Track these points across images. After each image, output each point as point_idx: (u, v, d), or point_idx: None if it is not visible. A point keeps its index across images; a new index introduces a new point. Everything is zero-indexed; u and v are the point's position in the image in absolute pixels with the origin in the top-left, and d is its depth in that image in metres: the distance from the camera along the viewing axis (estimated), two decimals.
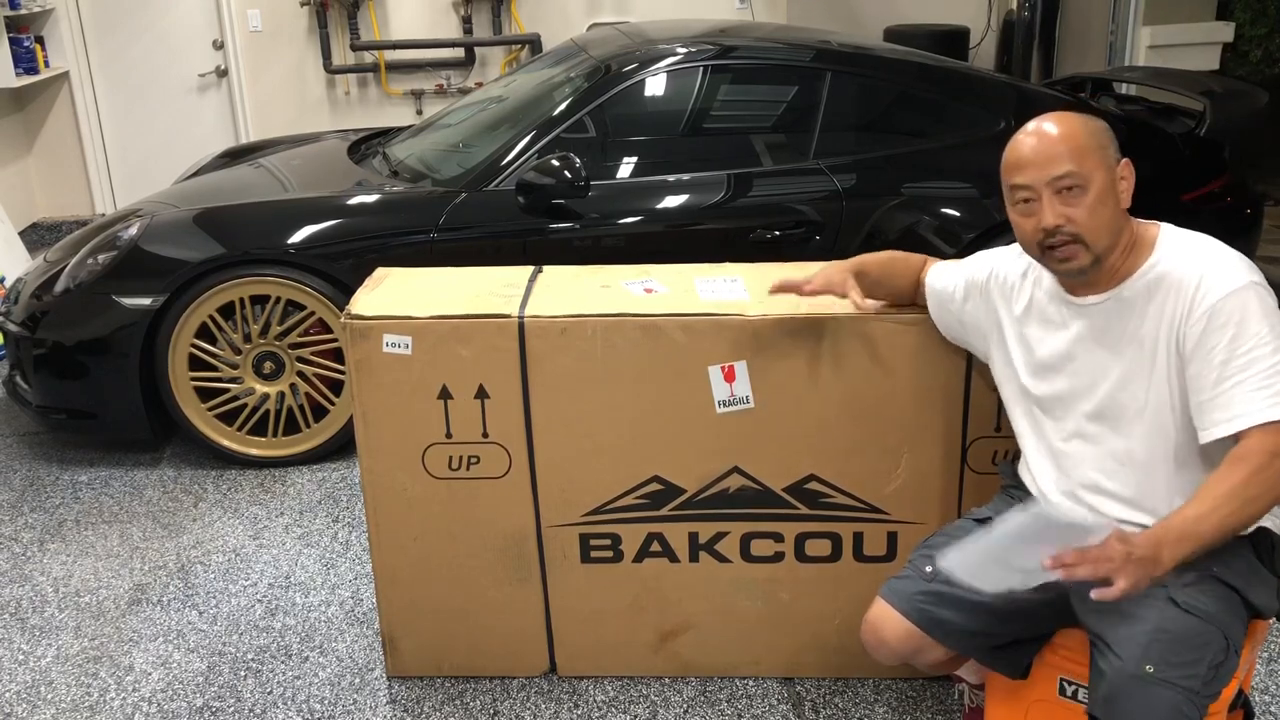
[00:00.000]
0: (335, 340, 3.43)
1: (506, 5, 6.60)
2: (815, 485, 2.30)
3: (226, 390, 3.46)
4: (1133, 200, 1.78)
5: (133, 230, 3.44)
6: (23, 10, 5.99)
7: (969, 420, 2.26)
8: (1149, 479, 1.78)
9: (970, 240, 3.39)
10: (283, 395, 3.48)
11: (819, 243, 3.44)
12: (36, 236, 6.35)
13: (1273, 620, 1.85)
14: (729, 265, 2.50)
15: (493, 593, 2.42)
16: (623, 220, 3.48)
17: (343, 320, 2.25)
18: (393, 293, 2.36)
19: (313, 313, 3.41)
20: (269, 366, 3.46)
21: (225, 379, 3.45)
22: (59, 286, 3.44)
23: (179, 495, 3.41)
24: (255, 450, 3.53)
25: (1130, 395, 1.78)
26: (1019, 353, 1.94)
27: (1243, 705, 1.99)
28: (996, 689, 2.03)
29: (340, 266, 3.37)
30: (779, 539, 2.35)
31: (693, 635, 2.45)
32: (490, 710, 2.41)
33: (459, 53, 6.67)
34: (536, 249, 3.41)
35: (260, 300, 3.39)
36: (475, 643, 2.48)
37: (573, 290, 2.35)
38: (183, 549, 3.11)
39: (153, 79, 6.62)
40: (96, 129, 6.64)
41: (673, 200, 3.52)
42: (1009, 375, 1.97)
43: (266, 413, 3.49)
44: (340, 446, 3.54)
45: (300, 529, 3.19)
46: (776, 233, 3.44)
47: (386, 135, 4.46)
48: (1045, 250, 1.77)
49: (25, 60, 6.01)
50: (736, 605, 2.42)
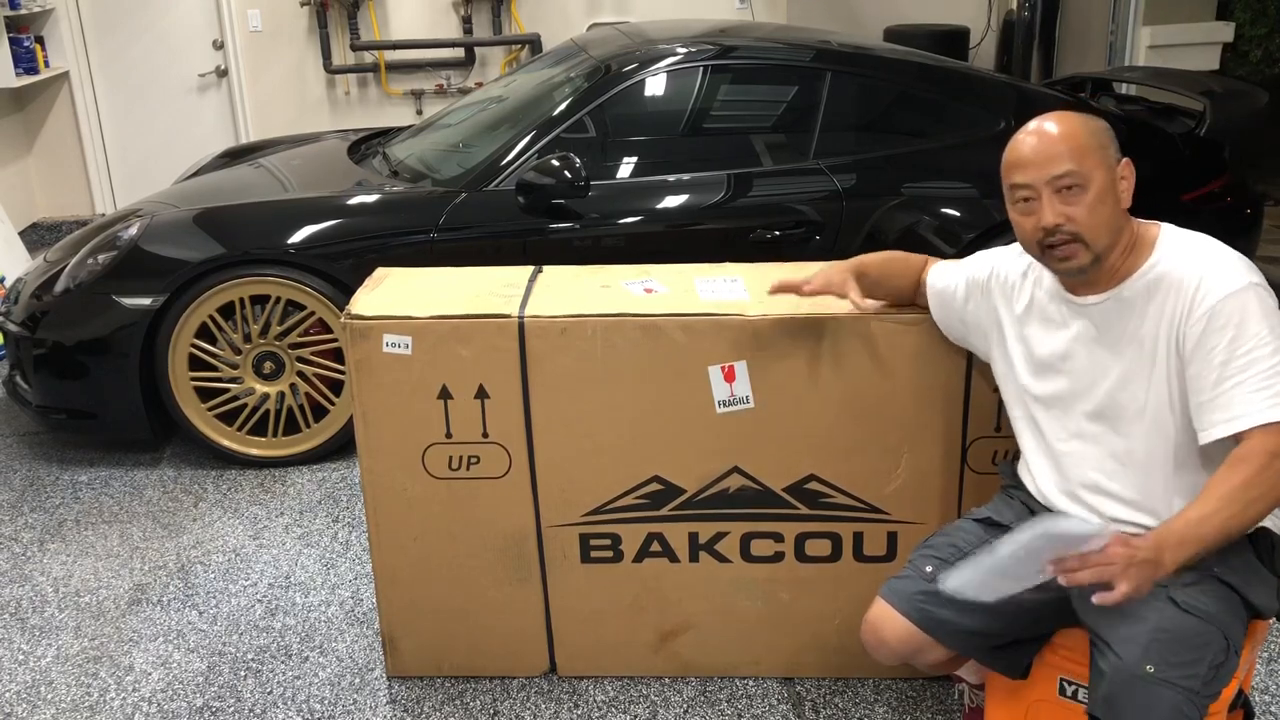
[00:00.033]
0: (335, 340, 3.43)
1: (506, 5, 6.60)
2: (815, 485, 2.30)
3: (226, 390, 3.46)
4: (1133, 200, 1.78)
5: (133, 230, 3.44)
6: (23, 10, 5.99)
7: (969, 420, 2.26)
8: (1149, 479, 1.78)
9: (970, 240, 3.39)
10: (283, 395, 3.48)
11: (819, 243, 3.44)
12: (36, 236, 6.35)
13: (1273, 620, 1.85)
14: (729, 265, 2.50)
15: (493, 593, 2.42)
16: (623, 220, 3.48)
17: (343, 320, 2.25)
18: (393, 293, 2.36)
19: (313, 313, 3.41)
20: (269, 366, 3.46)
21: (225, 379, 3.45)
22: (59, 286, 3.44)
23: (179, 495, 3.41)
24: (255, 450, 3.53)
25: (1130, 395, 1.78)
26: (1019, 352, 1.94)
27: (1243, 705, 1.99)
28: (996, 689, 2.03)
29: (340, 266, 3.37)
30: (779, 539, 2.35)
31: (693, 635, 2.45)
32: (490, 710, 2.41)
33: (459, 53, 6.67)
34: (536, 249, 3.41)
35: (260, 300, 3.39)
36: (475, 643, 2.48)
37: (573, 290, 2.35)
38: (183, 549, 3.11)
39: (153, 79, 6.62)
40: (96, 129, 6.64)
41: (673, 200, 3.52)
42: (1009, 375, 1.97)
43: (266, 413, 3.49)
44: (340, 446, 3.54)
45: (300, 529, 3.19)
46: (776, 233, 3.43)
47: (386, 135, 4.46)
48: (1045, 249, 1.77)
49: (25, 60, 6.01)
50: (736, 605, 2.41)
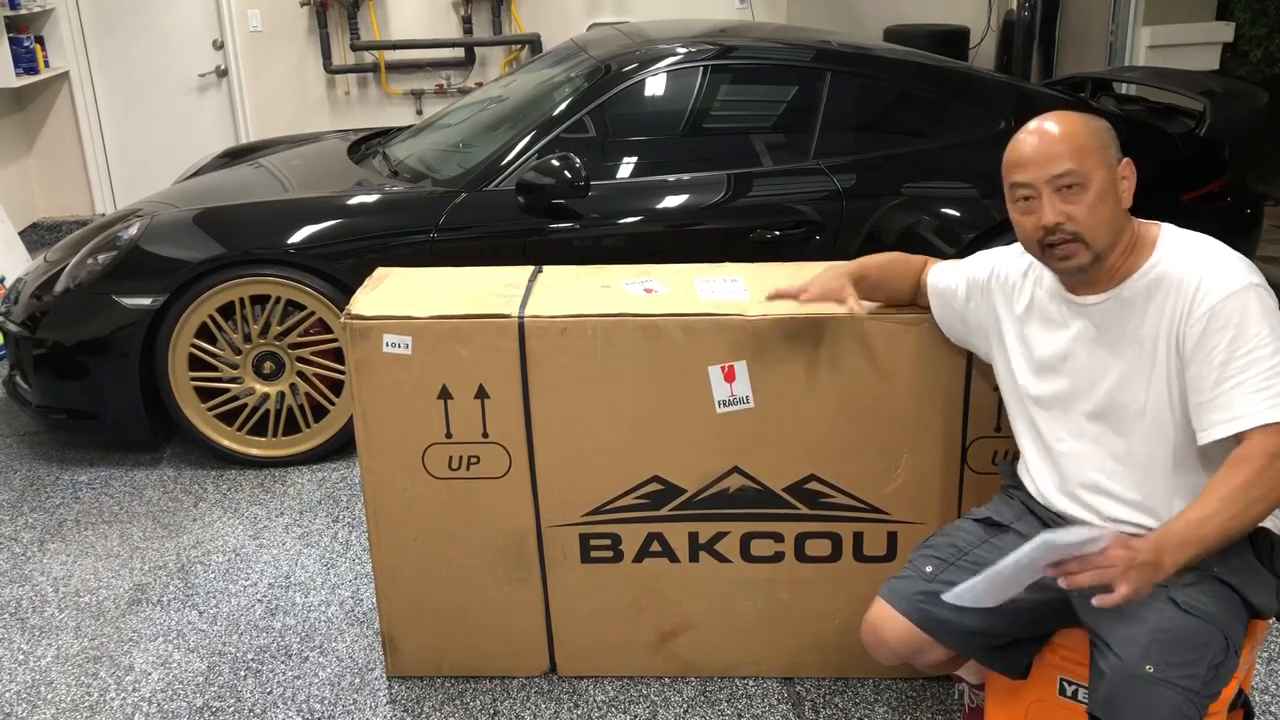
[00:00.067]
0: (335, 340, 3.43)
1: (506, 5, 6.60)
2: (815, 485, 2.30)
3: (226, 390, 3.46)
4: (1133, 200, 1.78)
5: (133, 230, 3.44)
6: (23, 10, 5.99)
7: (969, 420, 2.26)
8: (1148, 479, 1.78)
9: (970, 240, 3.39)
10: (283, 395, 3.48)
11: (819, 243, 3.44)
12: (36, 236, 6.35)
13: (1273, 620, 1.85)
14: (729, 265, 2.49)
15: (493, 593, 2.42)
16: (623, 220, 3.48)
17: (343, 320, 2.25)
18: (393, 293, 2.36)
19: (313, 313, 3.41)
20: (269, 366, 3.46)
21: (225, 379, 3.45)
22: (59, 286, 3.44)
23: (179, 495, 3.41)
24: (255, 450, 3.53)
25: (1130, 395, 1.78)
26: (1019, 352, 1.94)
27: (1243, 705, 1.99)
28: (996, 689, 2.03)
29: (340, 266, 3.37)
30: (779, 539, 2.35)
31: (693, 635, 2.45)
32: (490, 710, 2.41)
33: (459, 53, 6.67)
34: (536, 249, 3.41)
35: (260, 300, 3.39)
36: (475, 643, 2.48)
37: (573, 290, 2.35)
38: (183, 549, 3.11)
39: (153, 79, 6.62)
40: (96, 129, 6.64)
41: (673, 200, 3.52)
42: (1009, 375, 1.97)
43: (266, 413, 3.49)
44: (340, 446, 3.54)
45: (300, 529, 3.19)
46: (776, 233, 3.43)
47: (386, 135, 4.46)
48: (1045, 248, 1.77)
49: (25, 60, 6.01)
50: (736, 605, 2.41)
